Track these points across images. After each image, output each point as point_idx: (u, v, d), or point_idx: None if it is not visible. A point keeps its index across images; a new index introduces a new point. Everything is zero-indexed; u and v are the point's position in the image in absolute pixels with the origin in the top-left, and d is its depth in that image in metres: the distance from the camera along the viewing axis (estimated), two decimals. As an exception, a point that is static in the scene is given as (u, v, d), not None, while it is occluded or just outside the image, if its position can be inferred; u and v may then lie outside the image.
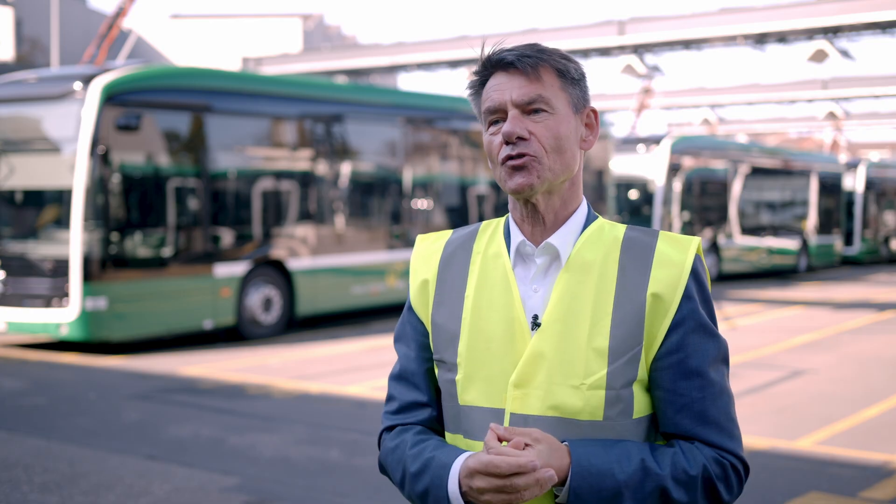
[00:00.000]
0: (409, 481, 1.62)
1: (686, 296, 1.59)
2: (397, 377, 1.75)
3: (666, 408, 1.60)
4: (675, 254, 1.62)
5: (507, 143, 1.60)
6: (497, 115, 1.62)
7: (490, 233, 1.72)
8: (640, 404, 1.60)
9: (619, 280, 1.60)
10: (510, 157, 1.59)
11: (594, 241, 1.64)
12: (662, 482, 1.53)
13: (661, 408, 1.61)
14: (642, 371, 1.59)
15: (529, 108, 1.60)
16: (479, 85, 1.66)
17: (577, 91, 1.64)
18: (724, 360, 1.64)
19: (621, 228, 1.67)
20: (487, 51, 1.65)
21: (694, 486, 1.55)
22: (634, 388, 1.59)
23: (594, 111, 1.68)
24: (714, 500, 1.58)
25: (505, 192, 1.65)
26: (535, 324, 1.61)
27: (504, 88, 1.61)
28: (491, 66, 1.64)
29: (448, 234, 1.78)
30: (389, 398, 1.76)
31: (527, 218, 1.65)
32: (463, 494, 1.52)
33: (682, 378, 1.59)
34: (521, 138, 1.59)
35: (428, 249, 1.76)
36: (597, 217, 1.69)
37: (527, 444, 1.49)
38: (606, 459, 1.52)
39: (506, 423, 1.59)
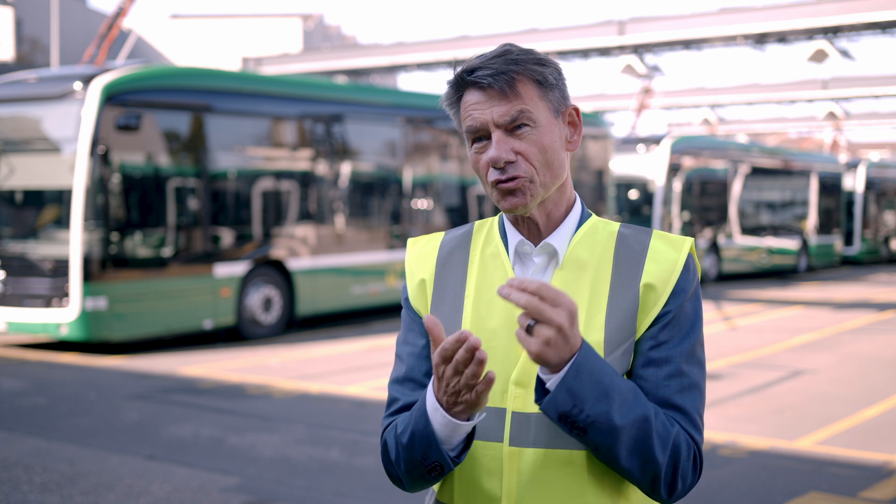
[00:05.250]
0: (400, 444, 1.60)
1: (675, 292, 1.60)
2: (401, 380, 1.71)
3: None
4: (669, 251, 1.63)
5: (495, 166, 1.58)
6: (480, 134, 1.60)
7: (486, 233, 1.72)
8: None
9: (614, 275, 1.61)
10: (500, 181, 1.58)
11: (588, 240, 1.65)
12: (648, 414, 1.50)
13: None
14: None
15: (512, 126, 1.57)
16: (455, 99, 1.63)
17: (556, 94, 1.61)
18: (700, 362, 1.63)
19: (615, 226, 1.68)
20: (460, 67, 1.60)
21: (667, 444, 1.52)
22: None
23: (576, 109, 1.66)
24: (671, 480, 1.54)
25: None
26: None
27: (483, 108, 1.58)
28: (465, 84, 1.60)
29: (440, 235, 1.77)
30: (392, 401, 1.71)
31: (522, 222, 1.66)
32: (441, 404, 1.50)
33: (652, 364, 1.58)
34: (508, 162, 1.57)
35: (423, 251, 1.76)
36: (590, 215, 1.70)
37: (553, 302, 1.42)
38: (609, 364, 1.50)
39: (507, 421, 1.58)
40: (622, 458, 1.50)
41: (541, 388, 1.49)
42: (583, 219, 1.68)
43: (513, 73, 1.57)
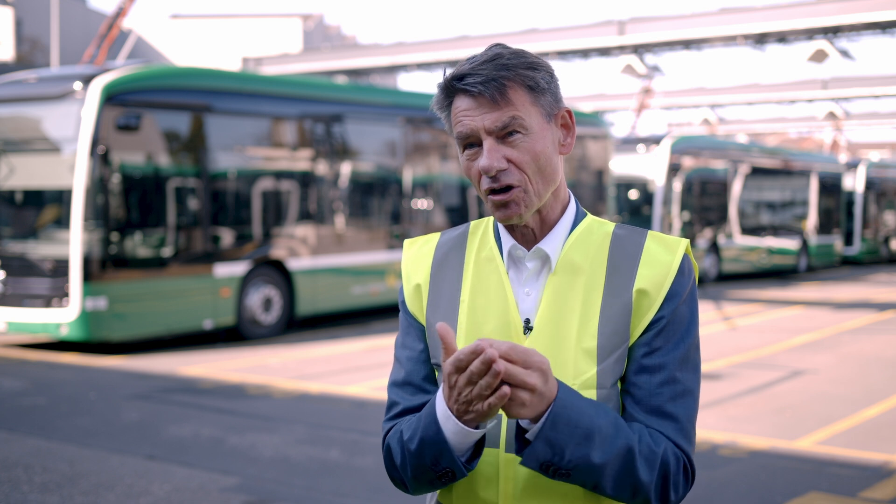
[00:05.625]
0: (407, 450, 1.57)
1: (669, 296, 1.58)
2: (400, 384, 1.70)
3: (625, 398, 1.58)
4: (663, 254, 1.61)
5: (487, 175, 1.56)
6: (470, 140, 1.58)
7: (480, 235, 1.70)
8: None
9: (608, 279, 1.60)
10: (493, 191, 1.57)
11: (582, 243, 1.63)
12: (631, 444, 1.49)
13: (622, 398, 1.59)
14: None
15: (503, 133, 1.55)
16: (446, 104, 1.60)
17: (548, 98, 1.58)
18: (695, 365, 1.61)
19: (610, 227, 1.66)
20: (450, 72, 1.58)
21: (654, 465, 1.51)
22: (620, 386, 1.59)
23: (569, 112, 1.63)
24: (662, 494, 1.54)
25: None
26: (528, 327, 1.60)
27: (474, 115, 1.55)
28: (455, 90, 1.57)
29: (436, 237, 1.75)
30: (392, 404, 1.70)
31: (516, 226, 1.64)
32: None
33: (645, 371, 1.57)
34: (500, 170, 1.55)
35: (418, 253, 1.74)
36: (585, 215, 1.68)
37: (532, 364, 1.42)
38: (587, 403, 1.49)
39: (503, 428, 1.57)
40: (608, 489, 1.50)
41: (520, 436, 1.48)
42: (577, 220, 1.66)
43: (503, 79, 1.54)
